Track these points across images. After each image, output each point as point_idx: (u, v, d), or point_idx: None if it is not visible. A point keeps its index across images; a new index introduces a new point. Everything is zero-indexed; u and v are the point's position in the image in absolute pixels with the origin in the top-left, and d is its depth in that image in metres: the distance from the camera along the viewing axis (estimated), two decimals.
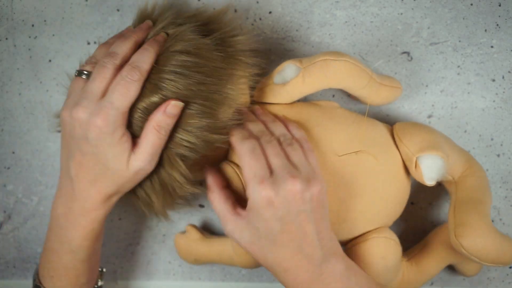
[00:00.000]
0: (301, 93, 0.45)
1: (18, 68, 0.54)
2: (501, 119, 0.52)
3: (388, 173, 0.44)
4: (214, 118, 0.40)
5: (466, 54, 0.51)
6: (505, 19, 0.50)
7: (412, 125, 0.47)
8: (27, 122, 0.55)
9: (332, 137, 0.44)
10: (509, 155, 0.53)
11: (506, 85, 0.51)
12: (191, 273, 0.58)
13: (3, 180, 0.57)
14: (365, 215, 0.44)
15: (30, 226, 0.58)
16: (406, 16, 0.51)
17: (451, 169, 0.45)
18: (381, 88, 0.46)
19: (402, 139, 0.45)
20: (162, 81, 0.39)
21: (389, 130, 0.47)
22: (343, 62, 0.44)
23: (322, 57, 0.44)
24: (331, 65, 0.44)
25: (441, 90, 0.52)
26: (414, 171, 0.44)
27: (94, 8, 0.53)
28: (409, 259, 0.50)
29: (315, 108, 0.46)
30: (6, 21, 0.54)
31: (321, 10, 0.51)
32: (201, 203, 0.56)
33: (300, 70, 0.44)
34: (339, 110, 0.47)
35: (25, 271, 0.59)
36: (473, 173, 0.45)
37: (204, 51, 0.40)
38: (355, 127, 0.44)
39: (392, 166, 0.45)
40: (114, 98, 0.38)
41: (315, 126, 0.44)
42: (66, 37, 0.53)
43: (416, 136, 0.45)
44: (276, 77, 0.46)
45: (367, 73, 0.45)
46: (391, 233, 0.45)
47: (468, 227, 0.42)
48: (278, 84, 0.46)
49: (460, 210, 0.43)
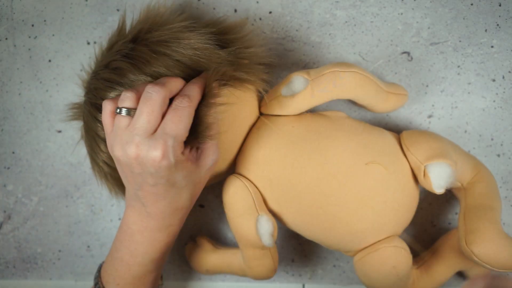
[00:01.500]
0: (310, 105, 0.45)
1: (18, 68, 0.54)
2: (501, 119, 0.52)
3: (398, 183, 0.44)
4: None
5: (467, 54, 0.51)
6: (506, 19, 0.50)
7: (419, 133, 0.46)
8: (27, 122, 0.55)
9: (342, 148, 0.43)
10: (509, 155, 0.52)
11: (506, 85, 0.51)
12: (191, 273, 0.58)
13: (3, 180, 0.57)
14: (375, 225, 0.44)
15: (30, 226, 0.58)
16: (406, 16, 0.51)
17: (460, 176, 0.45)
18: (389, 97, 0.47)
19: (409, 148, 0.45)
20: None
21: (396, 139, 0.47)
22: (352, 73, 0.44)
23: (330, 68, 0.44)
24: (340, 76, 0.44)
25: (441, 90, 0.52)
26: (422, 179, 0.44)
27: (94, 8, 0.53)
28: (419, 267, 0.49)
29: (324, 119, 0.46)
30: (6, 21, 0.54)
31: (321, 10, 0.51)
32: (201, 203, 0.56)
33: (309, 82, 0.44)
34: (347, 120, 0.46)
35: (25, 271, 0.59)
36: (482, 179, 0.45)
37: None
38: (364, 137, 0.44)
39: (401, 176, 0.44)
40: (168, 128, 0.37)
41: (324, 138, 0.44)
42: (66, 37, 0.53)
43: (424, 144, 0.45)
44: (284, 89, 0.45)
45: (375, 82, 0.45)
46: (401, 242, 0.45)
47: (479, 234, 0.42)
48: (286, 96, 0.45)
49: (470, 217, 0.43)
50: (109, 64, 0.42)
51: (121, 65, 0.41)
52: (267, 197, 0.45)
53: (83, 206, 0.57)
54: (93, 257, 0.58)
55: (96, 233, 0.58)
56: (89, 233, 0.58)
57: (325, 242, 0.46)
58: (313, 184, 0.43)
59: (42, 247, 0.58)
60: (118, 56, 0.42)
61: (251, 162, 0.45)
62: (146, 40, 0.42)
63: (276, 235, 0.45)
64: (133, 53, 0.41)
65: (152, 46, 0.41)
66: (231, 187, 0.45)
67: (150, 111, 0.37)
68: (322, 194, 0.43)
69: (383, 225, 0.44)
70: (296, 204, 0.44)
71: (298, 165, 0.43)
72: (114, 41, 0.44)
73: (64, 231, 0.58)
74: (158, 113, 0.37)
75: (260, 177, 0.45)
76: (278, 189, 0.44)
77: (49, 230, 0.58)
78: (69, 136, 0.55)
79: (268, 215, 0.45)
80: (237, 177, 0.45)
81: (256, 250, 0.46)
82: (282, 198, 0.44)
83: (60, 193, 0.57)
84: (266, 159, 0.44)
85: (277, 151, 0.44)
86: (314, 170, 0.43)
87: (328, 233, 0.45)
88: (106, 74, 0.42)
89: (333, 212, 0.43)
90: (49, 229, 0.58)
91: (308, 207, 0.44)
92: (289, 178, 0.44)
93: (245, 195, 0.44)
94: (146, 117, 0.37)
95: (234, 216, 0.45)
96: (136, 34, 0.43)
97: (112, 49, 0.43)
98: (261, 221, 0.44)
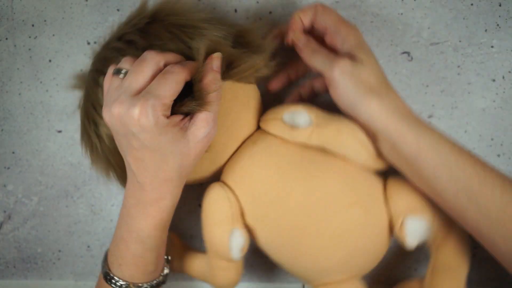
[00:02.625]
0: (304, 143, 0.44)
1: (18, 68, 0.54)
2: (501, 119, 0.52)
3: (373, 229, 0.44)
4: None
5: (467, 54, 0.51)
6: (506, 19, 0.50)
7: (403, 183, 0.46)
8: (27, 122, 0.55)
9: (329, 184, 0.43)
10: (509, 155, 0.52)
11: (506, 85, 0.51)
12: None
13: (3, 180, 0.57)
14: (342, 265, 0.44)
15: (30, 226, 0.58)
16: (406, 16, 0.51)
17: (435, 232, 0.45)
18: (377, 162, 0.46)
19: (392, 197, 0.45)
20: None
21: (382, 185, 0.46)
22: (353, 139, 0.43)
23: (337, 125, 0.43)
24: (343, 136, 0.43)
25: (442, 90, 0.52)
26: (398, 230, 0.44)
27: (94, 8, 0.53)
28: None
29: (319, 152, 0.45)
30: (6, 21, 0.54)
31: None
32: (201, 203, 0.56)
33: (312, 124, 0.43)
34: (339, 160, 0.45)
35: (25, 271, 0.59)
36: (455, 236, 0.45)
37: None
38: (352, 179, 0.44)
39: (378, 223, 0.44)
40: (152, 88, 0.36)
41: (315, 170, 0.44)
42: (66, 37, 0.53)
43: (406, 196, 0.44)
44: (286, 116, 0.45)
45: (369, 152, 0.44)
46: (362, 284, 0.46)
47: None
48: (286, 123, 0.44)
49: (437, 275, 0.44)
50: (122, 36, 0.42)
51: (134, 38, 0.41)
52: (246, 211, 0.45)
53: (83, 206, 0.57)
54: (93, 257, 0.58)
55: (96, 233, 0.58)
56: (89, 233, 0.58)
57: (290, 269, 0.47)
58: (293, 212, 0.43)
59: (42, 247, 0.58)
60: (133, 30, 0.42)
61: (238, 174, 0.45)
62: (164, 20, 0.42)
63: (246, 250, 0.45)
64: (149, 29, 0.42)
65: (169, 27, 0.41)
66: (212, 194, 0.45)
67: (140, 70, 0.37)
68: (299, 224, 0.43)
69: (350, 267, 0.45)
70: (272, 226, 0.44)
71: (284, 189, 0.43)
72: (132, 16, 0.44)
73: (64, 231, 0.58)
74: (148, 74, 0.37)
75: (244, 191, 0.44)
76: (258, 207, 0.44)
77: (49, 230, 0.58)
78: (69, 136, 0.55)
79: (243, 230, 0.44)
80: (221, 186, 0.45)
81: (223, 261, 0.45)
82: (261, 216, 0.44)
83: (60, 193, 0.57)
84: (254, 175, 0.44)
85: (267, 170, 0.44)
86: (298, 198, 0.43)
87: (295, 261, 0.45)
88: (117, 45, 0.42)
89: (305, 243, 0.43)
90: (49, 229, 0.58)
91: (282, 232, 0.44)
92: (272, 200, 0.43)
93: (225, 206, 0.44)
94: (134, 76, 0.37)
95: (209, 224, 0.45)
96: (155, 13, 0.43)
97: (129, 23, 0.43)
98: (235, 234, 0.44)
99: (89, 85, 0.44)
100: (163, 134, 0.37)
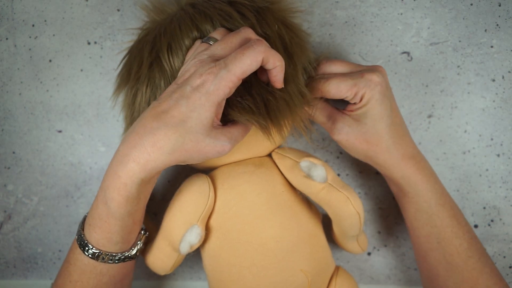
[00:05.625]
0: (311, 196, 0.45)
1: (18, 68, 0.55)
2: (501, 119, 0.52)
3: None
4: None
5: (466, 54, 0.51)
6: (505, 19, 0.50)
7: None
8: (27, 122, 0.55)
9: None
10: (509, 155, 0.53)
11: (506, 85, 0.51)
12: (191, 273, 0.58)
13: (3, 180, 0.57)
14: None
15: (30, 226, 0.58)
16: (406, 16, 0.51)
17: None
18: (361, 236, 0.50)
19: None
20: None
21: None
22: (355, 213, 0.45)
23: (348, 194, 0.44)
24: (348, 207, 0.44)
25: (441, 90, 0.52)
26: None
27: (94, 8, 0.53)
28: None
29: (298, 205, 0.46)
30: (7, 21, 0.54)
31: (321, 10, 0.51)
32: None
33: (326, 183, 0.44)
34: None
35: (25, 271, 0.59)
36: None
37: None
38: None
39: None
40: (229, 60, 0.36)
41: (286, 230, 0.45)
42: (66, 37, 0.54)
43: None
44: (304, 164, 0.45)
45: (359, 230, 0.47)
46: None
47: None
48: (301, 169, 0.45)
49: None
50: (234, 4, 0.43)
51: (248, 14, 0.42)
52: (215, 214, 0.45)
53: (83, 206, 0.57)
54: None
55: None
56: None
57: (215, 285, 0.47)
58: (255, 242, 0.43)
59: (42, 247, 0.58)
60: (250, 5, 0.42)
61: (230, 183, 0.45)
62: (277, 15, 0.43)
63: (194, 249, 0.45)
64: (266, 14, 0.43)
65: (279, 25, 0.42)
66: (197, 185, 0.44)
67: (229, 41, 0.38)
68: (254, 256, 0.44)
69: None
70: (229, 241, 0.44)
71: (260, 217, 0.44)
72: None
73: (64, 231, 0.58)
74: (235, 45, 0.38)
75: (226, 199, 0.45)
76: (229, 219, 0.44)
77: (49, 230, 0.58)
78: (69, 136, 0.56)
79: (203, 231, 0.44)
80: (208, 182, 0.44)
81: (168, 246, 0.45)
82: (224, 229, 0.45)
83: (60, 193, 0.57)
84: (241, 191, 0.44)
85: (254, 195, 0.44)
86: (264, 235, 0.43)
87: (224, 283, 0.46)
88: (227, 9, 0.42)
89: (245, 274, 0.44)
90: (49, 229, 0.58)
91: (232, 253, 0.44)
92: (245, 221, 0.44)
93: (202, 202, 0.43)
94: (223, 43, 0.38)
95: (178, 208, 0.44)
96: (273, 1, 0.44)
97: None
98: (193, 230, 0.44)
99: (175, 24, 0.43)
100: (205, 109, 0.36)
